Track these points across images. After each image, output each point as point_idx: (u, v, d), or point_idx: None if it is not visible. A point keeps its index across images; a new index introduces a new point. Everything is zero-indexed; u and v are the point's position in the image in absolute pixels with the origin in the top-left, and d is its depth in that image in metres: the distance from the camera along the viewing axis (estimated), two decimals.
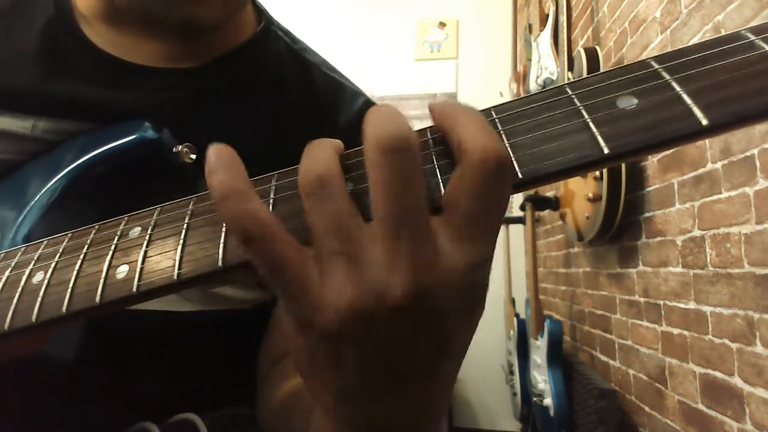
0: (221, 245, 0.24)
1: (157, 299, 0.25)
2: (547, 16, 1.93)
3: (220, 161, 0.22)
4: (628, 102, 0.21)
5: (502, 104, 0.24)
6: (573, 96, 0.22)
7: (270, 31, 0.54)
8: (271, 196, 0.25)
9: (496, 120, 0.23)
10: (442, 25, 3.10)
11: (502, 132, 0.22)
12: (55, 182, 0.41)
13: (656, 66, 0.22)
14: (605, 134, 0.21)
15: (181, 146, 0.42)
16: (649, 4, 1.31)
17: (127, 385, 0.46)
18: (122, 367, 0.45)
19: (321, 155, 0.22)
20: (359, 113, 0.55)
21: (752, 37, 0.21)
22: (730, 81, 0.20)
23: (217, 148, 0.22)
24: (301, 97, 0.53)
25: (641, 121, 0.20)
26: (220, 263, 0.23)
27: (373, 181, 0.20)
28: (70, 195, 0.41)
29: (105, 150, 0.41)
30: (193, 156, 0.43)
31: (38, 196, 0.40)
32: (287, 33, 0.57)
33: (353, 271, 0.20)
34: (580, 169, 0.21)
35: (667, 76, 0.21)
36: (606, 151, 0.20)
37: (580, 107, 0.22)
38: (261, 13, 0.55)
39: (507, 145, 0.22)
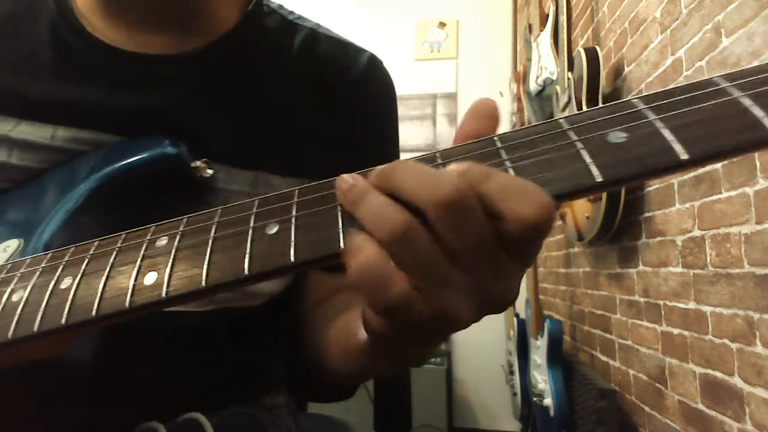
0: (248, 254, 0.25)
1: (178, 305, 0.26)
2: (547, 16, 1.93)
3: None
4: (617, 136, 0.24)
5: (506, 133, 0.26)
6: (569, 130, 0.25)
7: (262, 6, 0.54)
8: (293, 211, 0.27)
9: (501, 148, 0.26)
10: (442, 25, 3.10)
11: (506, 159, 0.25)
12: (76, 192, 0.42)
13: (642, 105, 0.25)
14: (598, 164, 0.23)
15: (198, 162, 0.44)
16: (649, 4, 1.32)
17: (134, 385, 0.46)
18: (129, 367, 0.46)
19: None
20: (366, 69, 0.56)
21: (724, 84, 0.24)
22: (705, 121, 0.23)
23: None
24: (305, 64, 0.53)
25: (629, 153, 0.23)
26: (246, 272, 0.25)
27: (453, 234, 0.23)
28: (91, 205, 0.42)
29: (126, 164, 0.42)
30: (210, 171, 0.45)
31: (60, 205, 0.41)
32: (280, 6, 0.57)
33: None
34: (575, 194, 0.24)
35: (651, 115, 0.24)
36: (599, 179, 0.23)
37: (576, 140, 0.24)
38: None
39: (511, 169, 0.25)
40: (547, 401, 1.62)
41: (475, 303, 0.24)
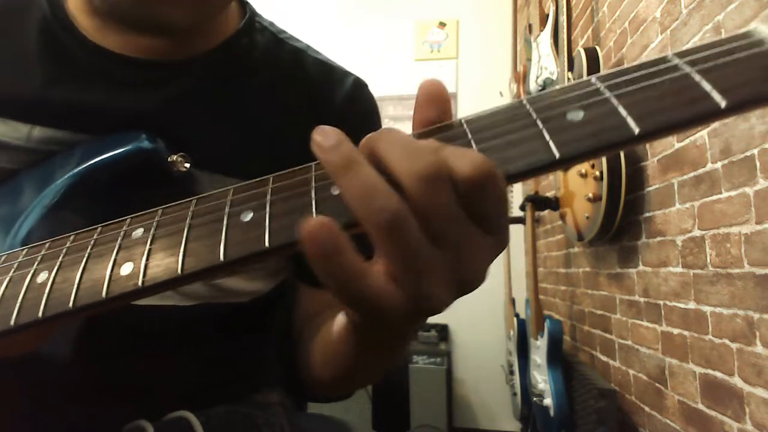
0: (222, 241, 0.26)
1: (155, 295, 0.26)
2: (547, 16, 1.93)
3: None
4: (576, 114, 0.25)
5: (472, 116, 0.27)
6: (530, 109, 0.26)
7: (255, 23, 0.55)
8: (268, 197, 0.27)
9: (467, 129, 0.26)
10: (442, 25, 3.10)
11: (471, 140, 0.26)
12: (53, 188, 0.42)
13: (599, 84, 0.26)
14: (557, 141, 0.24)
15: (175, 156, 0.44)
16: (649, 4, 1.32)
17: (122, 383, 0.46)
18: (117, 365, 0.45)
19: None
20: (351, 93, 0.57)
21: (676, 61, 0.25)
22: (658, 96, 0.24)
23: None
24: (292, 83, 0.54)
25: (586, 130, 0.24)
26: (221, 258, 0.25)
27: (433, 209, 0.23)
28: (69, 201, 0.42)
29: (102, 159, 0.42)
30: (188, 165, 0.45)
31: (37, 201, 0.41)
32: (271, 23, 0.58)
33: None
34: (537, 171, 0.24)
35: (607, 93, 0.25)
36: (557, 155, 0.24)
37: (536, 119, 0.25)
38: (244, 5, 0.55)
39: (475, 149, 0.25)
40: (547, 401, 1.62)
41: (451, 287, 0.24)
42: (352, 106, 0.56)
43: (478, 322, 2.70)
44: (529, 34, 2.21)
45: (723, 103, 0.23)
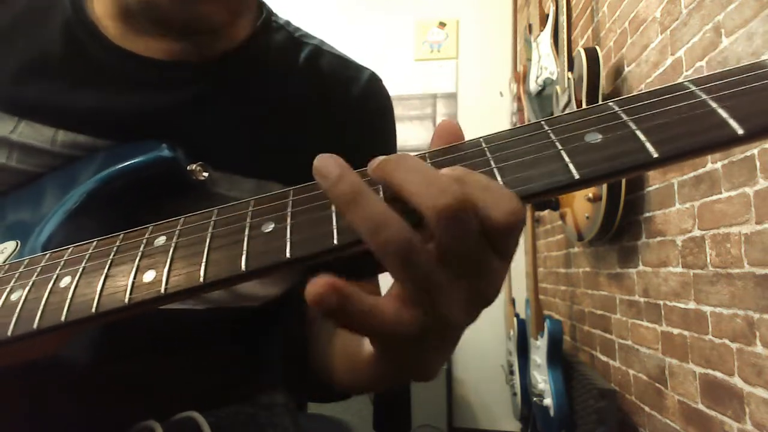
0: (245, 251, 0.26)
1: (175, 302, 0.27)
2: (547, 16, 1.93)
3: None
4: (594, 137, 0.25)
5: (491, 135, 0.28)
6: (549, 130, 0.27)
7: (271, 22, 0.55)
8: (289, 209, 0.27)
9: (486, 149, 0.27)
10: (442, 25, 3.10)
11: (491, 159, 0.26)
12: (74, 193, 0.42)
13: (616, 108, 0.26)
14: (575, 163, 0.25)
15: (194, 165, 0.45)
16: (649, 4, 1.32)
17: (130, 383, 0.46)
18: (125, 366, 0.46)
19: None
20: (366, 87, 0.57)
21: (692, 87, 0.26)
22: (676, 122, 0.25)
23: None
24: (309, 78, 0.54)
25: (605, 152, 0.25)
26: (243, 268, 0.26)
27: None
28: (89, 207, 0.42)
29: (123, 166, 0.43)
30: (206, 174, 0.46)
31: (58, 206, 0.42)
32: (287, 22, 0.59)
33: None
34: (555, 191, 0.25)
35: (624, 117, 0.26)
36: (576, 176, 0.24)
37: (555, 140, 0.26)
38: (261, 5, 0.56)
39: (496, 169, 0.26)
40: (547, 401, 1.62)
41: (466, 306, 0.25)
42: (367, 101, 0.57)
43: (478, 323, 2.65)
44: (529, 34, 2.21)
45: (740, 131, 0.23)
